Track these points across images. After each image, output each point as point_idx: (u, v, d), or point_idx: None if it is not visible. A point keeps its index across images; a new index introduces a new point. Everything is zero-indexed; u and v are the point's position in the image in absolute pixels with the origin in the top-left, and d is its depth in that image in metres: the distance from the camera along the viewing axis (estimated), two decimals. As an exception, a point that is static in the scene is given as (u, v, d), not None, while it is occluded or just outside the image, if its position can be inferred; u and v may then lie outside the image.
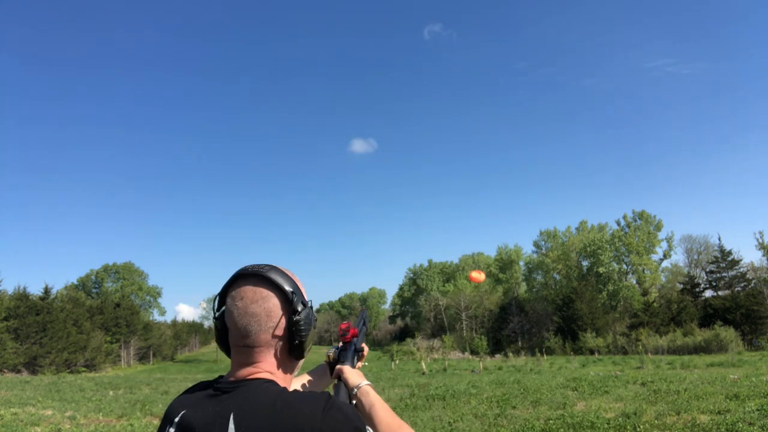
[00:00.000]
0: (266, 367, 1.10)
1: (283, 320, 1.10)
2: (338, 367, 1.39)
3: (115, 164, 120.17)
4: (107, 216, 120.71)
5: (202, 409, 1.04)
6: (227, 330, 1.13)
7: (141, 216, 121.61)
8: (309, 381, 1.48)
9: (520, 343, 57.12)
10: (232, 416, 0.98)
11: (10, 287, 47.20)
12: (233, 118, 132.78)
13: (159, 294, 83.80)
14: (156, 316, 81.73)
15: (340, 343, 1.56)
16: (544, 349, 48.46)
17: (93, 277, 79.89)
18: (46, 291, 44.72)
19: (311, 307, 1.17)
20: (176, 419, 1.05)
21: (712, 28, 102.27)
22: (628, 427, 8.30)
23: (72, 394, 18.00)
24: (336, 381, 1.38)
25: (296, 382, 1.44)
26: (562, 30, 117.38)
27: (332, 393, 1.27)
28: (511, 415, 10.37)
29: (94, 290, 78.24)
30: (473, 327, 65.68)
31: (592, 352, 46.41)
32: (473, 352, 53.48)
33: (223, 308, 1.14)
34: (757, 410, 8.82)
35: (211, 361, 62.39)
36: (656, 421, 8.65)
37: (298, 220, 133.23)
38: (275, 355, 1.11)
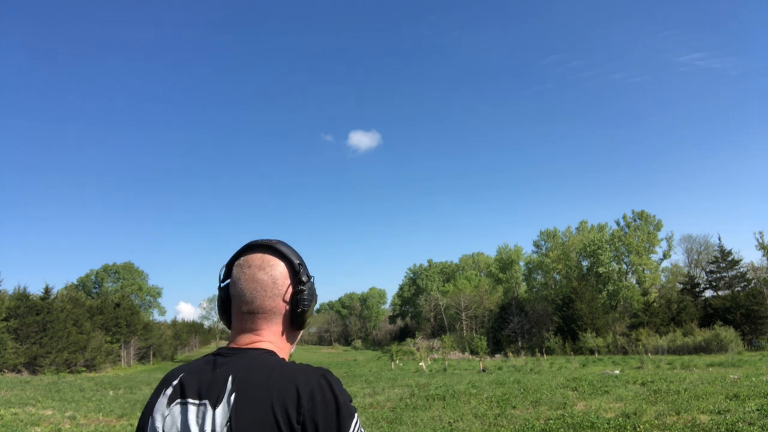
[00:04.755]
0: (268, 336, 1.13)
1: (290, 289, 1.14)
2: None
3: (115, 164, 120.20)
4: (107, 216, 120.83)
5: (201, 373, 1.07)
6: (230, 300, 1.16)
7: (141, 216, 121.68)
8: None
9: (520, 343, 57.09)
10: (230, 377, 1.02)
11: (10, 287, 47.23)
12: (231, 115, 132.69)
13: (159, 294, 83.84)
14: (156, 316, 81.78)
15: None
16: (544, 349, 48.46)
17: (93, 277, 79.88)
18: (47, 291, 44.68)
19: (313, 283, 1.22)
20: (174, 382, 1.09)
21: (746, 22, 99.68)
22: (628, 427, 8.30)
23: (72, 394, 18.00)
24: None
25: None
26: (590, 23, 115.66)
27: None
28: (511, 415, 10.37)
29: (94, 290, 78.23)
30: (473, 327, 65.67)
31: (592, 352, 46.40)
32: (473, 352, 53.46)
33: (228, 280, 1.18)
34: (757, 410, 8.82)
35: (211, 361, 62.29)
36: (656, 421, 8.65)
37: (298, 219, 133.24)
38: (277, 323, 1.14)
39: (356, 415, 1.04)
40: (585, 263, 65.46)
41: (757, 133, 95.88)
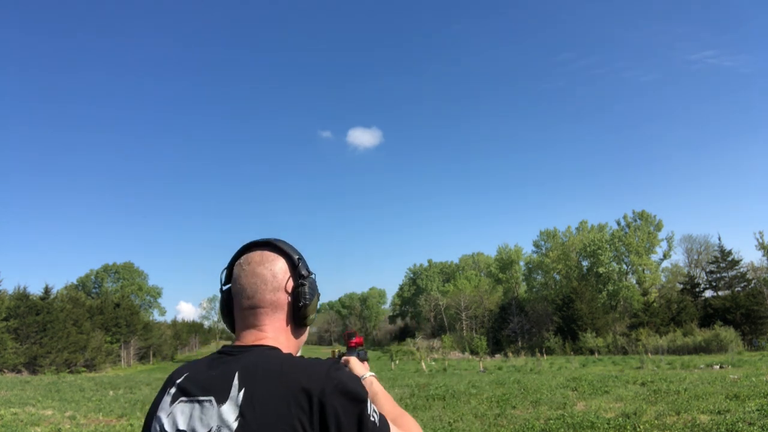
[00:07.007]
0: (271, 332, 1.13)
1: (290, 282, 1.15)
2: (345, 357, 1.45)
3: (115, 164, 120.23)
4: (107, 216, 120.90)
5: (206, 371, 1.07)
6: (232, 300, 1.17)
7: (141, 216, 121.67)
8: None
9: (520, 343, 57.10)
10: (237, 373, 1.02)
11: (10, 287, 47.14)
12: (229, 114, 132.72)
13: (159, 294, 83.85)
14: (156, 316, 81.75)
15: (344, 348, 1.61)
16: (544, 349, 48.44)
17: (93, 277, 79.89)
18: (46, 291, 44.70)
19: (314, 279, 1.23)
20: (179, 380, 1.08)
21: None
22: (628, 427, 8.29)
23: (72, 394, 18.00)
24: None
25: None
26: (602, 20, 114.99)
27: None
28: (511, 415, 10.37)
29: (94, 290, 78.22)
30: (473, 327, 65.69)
31: (592, 352, 46.37)
32: (473, 352, 53.44)
33: (229, 284, 1.19)
34: (757, 410, 8.82)
35: (211, 361, 62.30)
36: (656, 421, 8.65)
37: (298, 218, 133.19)
38: (280, 319, 1.15)
39: (368, 398, 1.05)
40: (585, 263, 65.46)
41: (757, 133, 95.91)
